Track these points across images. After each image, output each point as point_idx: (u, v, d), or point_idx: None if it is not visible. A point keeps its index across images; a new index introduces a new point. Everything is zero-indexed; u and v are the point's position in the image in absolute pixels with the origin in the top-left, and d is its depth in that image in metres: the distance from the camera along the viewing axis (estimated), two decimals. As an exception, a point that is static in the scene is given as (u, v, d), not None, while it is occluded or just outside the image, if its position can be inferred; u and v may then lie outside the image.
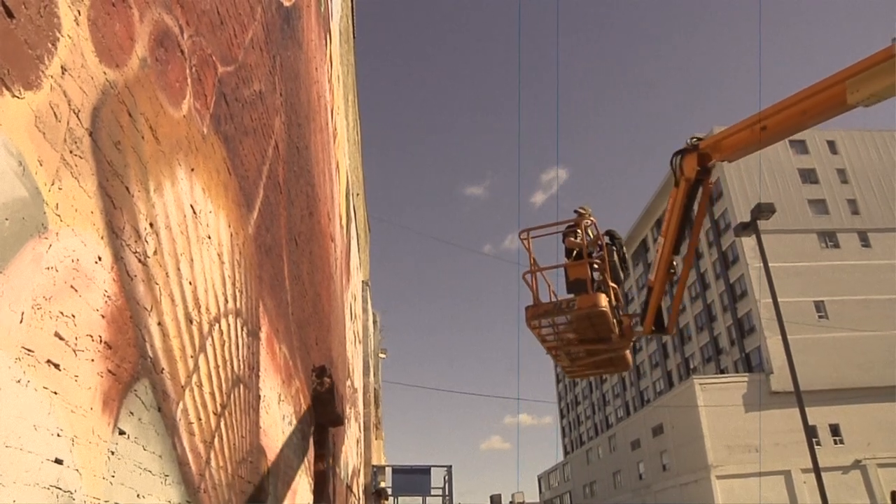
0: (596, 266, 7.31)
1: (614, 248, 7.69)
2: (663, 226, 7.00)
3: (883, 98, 4.83)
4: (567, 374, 8.31)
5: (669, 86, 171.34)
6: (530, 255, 7.32)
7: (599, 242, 7.58)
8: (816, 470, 15.79)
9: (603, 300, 6.74)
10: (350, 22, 15.80)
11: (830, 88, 5.14)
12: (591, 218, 7.65)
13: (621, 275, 7.63)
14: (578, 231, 7.51)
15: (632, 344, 7.69)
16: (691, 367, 55.15)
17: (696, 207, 6.84)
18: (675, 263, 7.03)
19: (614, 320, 7.00)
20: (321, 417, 7.84)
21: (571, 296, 7.05)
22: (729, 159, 6.50)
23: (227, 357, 3.81)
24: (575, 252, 7.47)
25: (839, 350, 44.27)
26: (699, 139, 6.59)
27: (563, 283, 7.41)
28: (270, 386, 5.05)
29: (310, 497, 7.09)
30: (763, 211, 17.91)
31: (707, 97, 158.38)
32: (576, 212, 7.77)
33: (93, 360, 2.15)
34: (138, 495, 2.46)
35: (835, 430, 42.68)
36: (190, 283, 3.18)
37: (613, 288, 7.22)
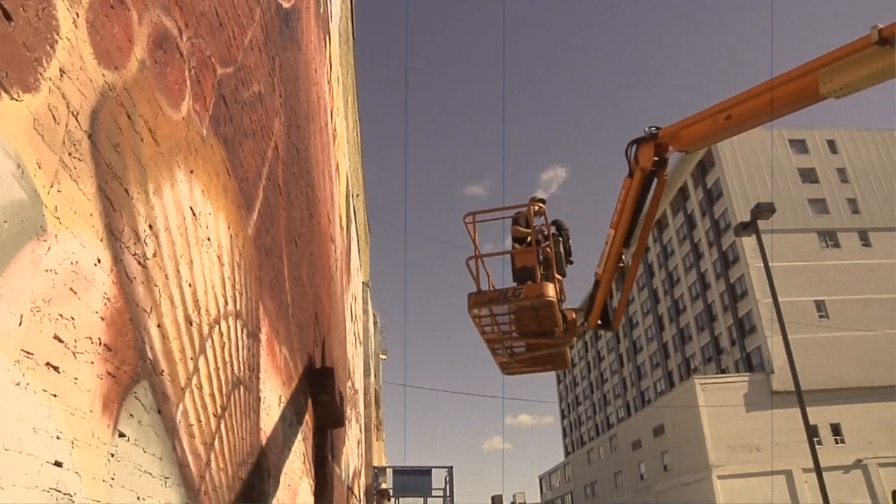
0: (542, 257, 7.04)
1: (561, 238, 7.45)
2: (614, 217, 6.65)
3: (856, 89, 4.59)
4: (503, 370, 7.93)
5: (670, 83, 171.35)
6: (474, 240, 7.01)
7: (545, 232, 7.33)
8: (818, 469, 15.77)
9: (551, 290, 6.47)
10: (349, 23, 15.79)
11: (802, 78, 4.83)
12: (541, 204, 7.32)
13: (565, 268, 7.39)
14: (528, 219, 7.21)
15: (574, 340, 7.33)
16: (692, 367, 55.10)
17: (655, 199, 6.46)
18: (624, 257, 6.73)
19: (560, 313, 6.77)
20: (322, 419, 7.84)
21: (516, 284, 6.78)
22: (688, 150, 6.18)
23: (227, 359, 3.81)
24: (529, 240, 7.21)
25: (840, 349, 44.26)
26: (658, 128, 6.22)
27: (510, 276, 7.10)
28: (271, 387, 5.05)
29: (310, 498, 7.08)
30: (763, 210, 17.89)
31: (707, 96, 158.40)
32: (537, 200, 7.47)
33: (92, 363, 2.15)
34: (138, 498, 2.46)
35: (836, 430, 42.67)
36: (189, 285, 3.18)
37: (559, 280, 6.97)
